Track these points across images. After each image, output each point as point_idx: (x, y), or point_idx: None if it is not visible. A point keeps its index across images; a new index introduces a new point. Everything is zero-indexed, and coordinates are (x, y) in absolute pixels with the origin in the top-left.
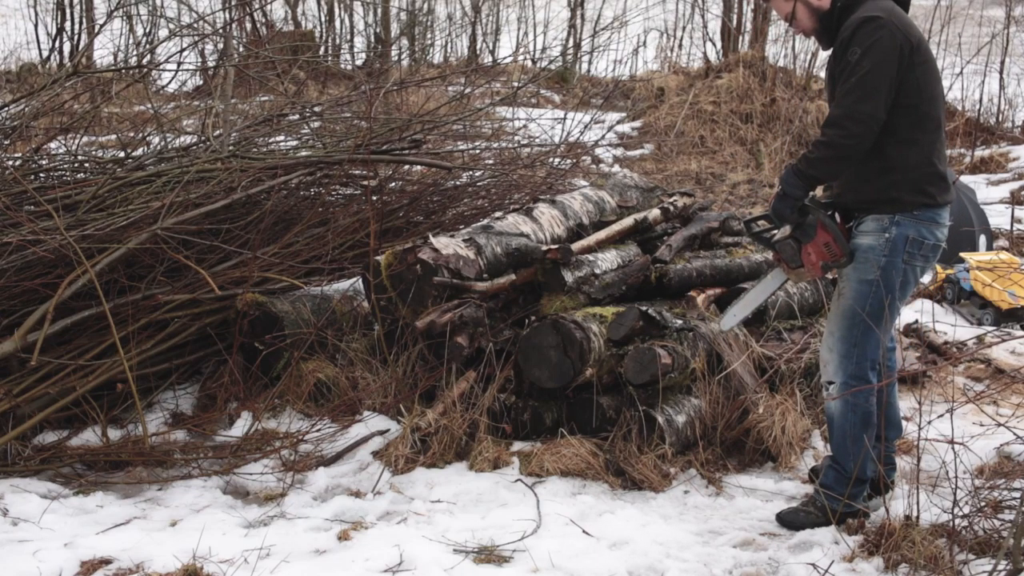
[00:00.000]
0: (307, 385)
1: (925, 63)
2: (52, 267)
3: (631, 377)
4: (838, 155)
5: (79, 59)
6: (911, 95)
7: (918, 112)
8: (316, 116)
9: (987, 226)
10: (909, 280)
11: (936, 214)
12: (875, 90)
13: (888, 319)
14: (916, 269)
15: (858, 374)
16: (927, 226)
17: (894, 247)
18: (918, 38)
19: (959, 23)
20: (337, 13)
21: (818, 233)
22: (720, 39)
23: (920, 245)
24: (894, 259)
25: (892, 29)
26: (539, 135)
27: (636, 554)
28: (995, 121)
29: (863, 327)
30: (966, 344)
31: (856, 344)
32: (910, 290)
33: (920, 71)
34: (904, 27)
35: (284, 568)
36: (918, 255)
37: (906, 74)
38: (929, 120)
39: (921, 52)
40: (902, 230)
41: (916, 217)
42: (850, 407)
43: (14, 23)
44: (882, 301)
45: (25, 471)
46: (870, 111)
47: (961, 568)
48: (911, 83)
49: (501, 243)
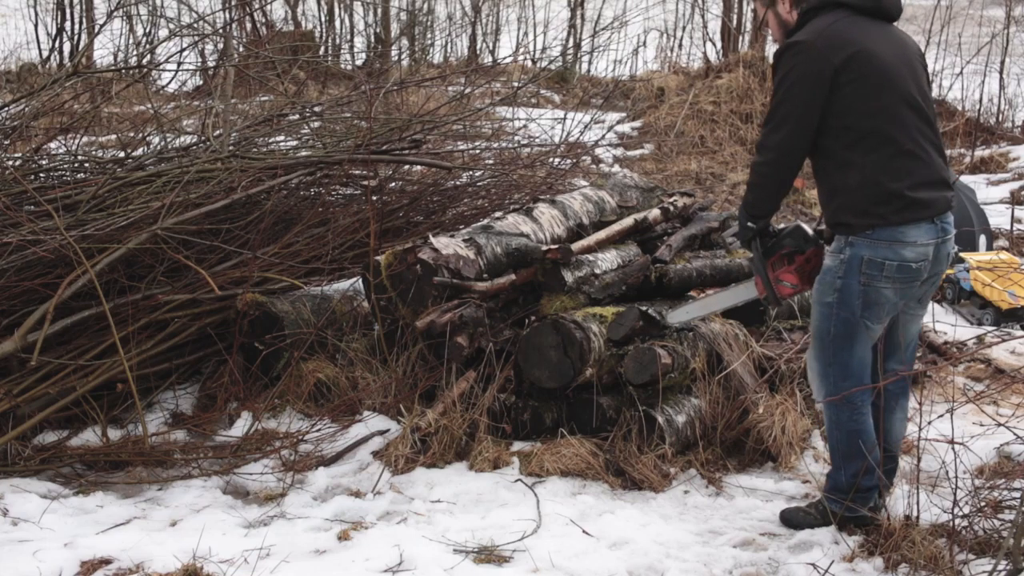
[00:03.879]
0: (307, 385)
1: (856, 80)
2: (52, 267)
3: (631, 377)
4: (758, 183)
5: (79, 59)
6: (840, 116)
7: (852, 132)
8: (316, 116)
9: (987, 226)
10: (877, 302)
11: (896, 233)
12: (784, 119)
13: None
14: (882, 291)
15: (836, 393)
16: (886, 247)
17: (848, 268)
18: (849, 55)
19: (959, 23)
20: (337, 13)
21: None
22: (720, 39)
23: (880, 267)
24: (849, 280)
25: (812, 54)
26: (539, 135)
27: (636, 554)
28: (995, 121)
29: (832, 348)
30: (966, 344)
31: (830, 364)
32: (883, 312)
33: (850, 89)
34: (832, 48)
35: (284, 568)
36: (880, 277)
37: (831, 96)
38: (870, 138)
39: (851, 70)
40: (856, 251)
41: (870, 238)
42: (834, 424)
43: (14, 23)
44: (847, 323)
45: (25, 471)
46: (777, 140)
47: (961, 568)
48: (840, 104)
49: (501, 243)
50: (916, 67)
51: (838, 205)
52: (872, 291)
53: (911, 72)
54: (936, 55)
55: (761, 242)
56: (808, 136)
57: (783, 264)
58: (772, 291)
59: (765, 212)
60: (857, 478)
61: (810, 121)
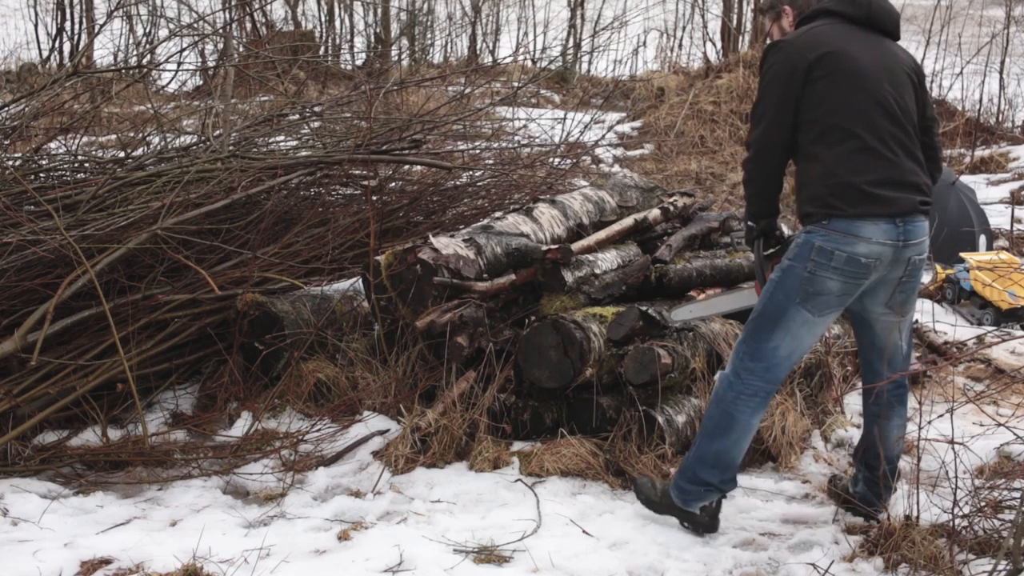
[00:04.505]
0: (307, 385)
1: (829, 75)
2: (52, 267)
3: (631, 377)
4: (746, 180)
5: (79, 59)
6: (811, 110)
7: (819, 126)
8: (316, 116)
9: (987, 226)
10: (820, 292)
11: (850, 225)
12: (761, 116)
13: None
14: (826, 282)
15: (741, 372)
16: (839, 237)
17: (798, 252)
18: (823, 53)
19: (959, 23)
20: (337, 13)
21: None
22: (720, 39)
23: (829, 256)
24: (795, 264)
25: (788, 52)
26: (539, 135)
27: (636, 554)
28: (995, 121)
29: (753, 325)
30: (966, 344)
31: (745, 340)
32: (825, 305)
33: (821, 84)
34: (808, 46)
35: (284, 568)
36: (827, 267)
37: (803, 91)
38: (835, 132)
39: (823, 66)
40: (810, 237)
41: (826, 227)
42: (717, 398)
43: (14, 23)
44: (778, 306)
45: (25, 471)
46: (756, 136)
47: (961, 568)
48: (811, 99)
49: (501, 243)
50: (900, 76)
51: (803, 198)
52: (817, 280)
53: (891, 78)
54: (936, 55)
55: (765, 244)
56: (784, 131)
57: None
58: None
59: (762, 211)
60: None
61: (785, 116)
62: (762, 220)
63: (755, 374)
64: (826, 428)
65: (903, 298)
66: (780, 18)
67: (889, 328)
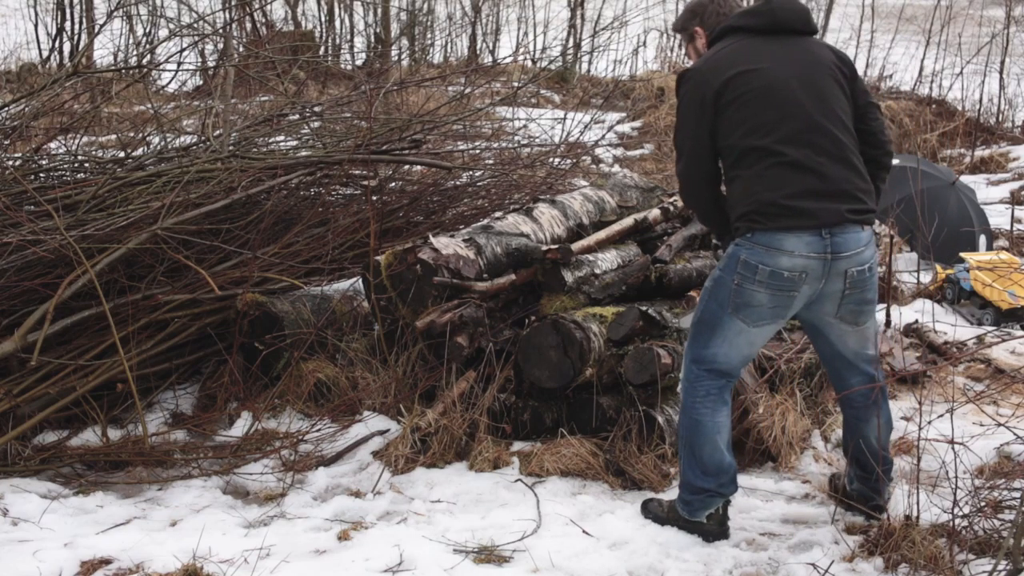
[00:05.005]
0: (307, 385)
1: (737, 99)
2: (52, 267)
3: (631, 377)
4: (688, 207)
5: (79, 59)
6: (726, 136)
7: (736, 150)
8: (316, 116)
9: (987, 226)
10: (749, 303)
11: (773, 239)
12: (681, 148)
13: (722, 334)
14: (754, 294)
15: (689, 376)
16: (763, 251)
17: (726, 263)
18: (728, 78)
19: (959, 23)
20: (337, 13)
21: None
22: None
23: (754, 270)
24: (723, 274)
25: (696, 80)
26: (539, 135)
27: (636, 554)
28: (995, 121)
29: (694, 331)
30: (966, 344)
31: (689, 345)
32: (758, 316)
33: (731, 110)
34: (714, 72)
35: (284, 568)
36: (752, 280)
37: (716, 120)
38: (751, 153)
39: (729, 91)
40: (736, 251)
41: (751, 240)
42: (682, 409)
43: (14, 23)
44: (713, 314)
45: (25, 471)
46: (680, 170)
47: (961, 568)
48: (724, 126)
49: (501, 243)
50: (819, 77)
51: (732, 215)
52: (745, 292)
53: (806, 84)
54: (936, 55)
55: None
56: (702, 160)
57: None
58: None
59: (719, 231)
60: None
61: (701, 145)
62: (725, 238)
63: (700, 376)
64: (826, 428)
65: (852, 309)
66: (694, 39)
67: (846, 335)
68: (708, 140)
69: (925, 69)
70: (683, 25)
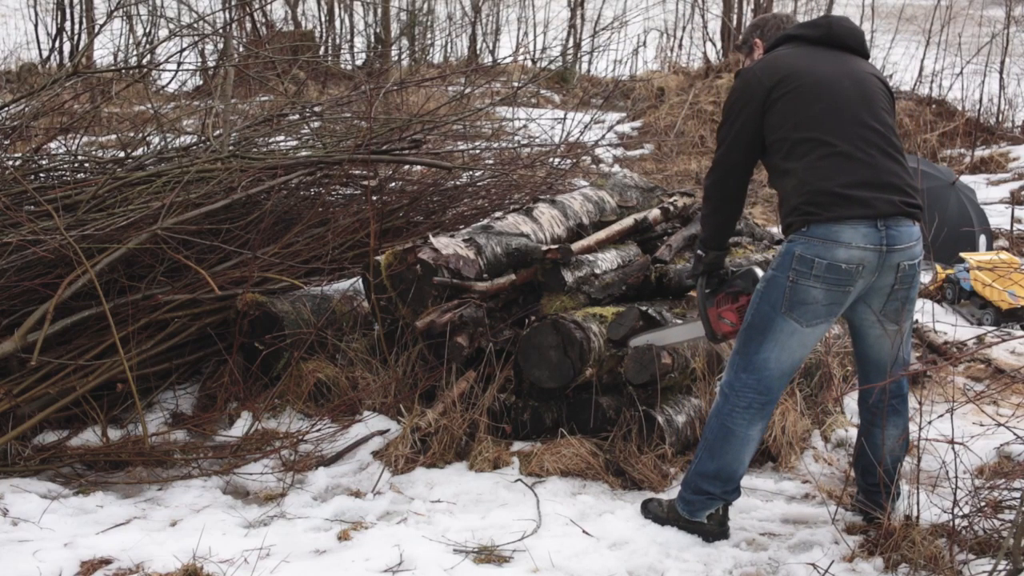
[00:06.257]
0: (307, 385)
1: (788, 93)
2: (52, 267)
3: (631, 377)
4: (704, 197)
5: (79, 59)
6: (777, 130)
7: (788, 142)
8: (316, 116)
9: (987, 226)
10: (804, 301)
11: (829, 230)
12: (722, 140)
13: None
14: (810, 290)
15: (735, 384)
16: (819, 244)
17: (780, 262)
18: (782, 76)
19: (959, 23)
20: (337, 13)
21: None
22: (720, 39)
23: (811, 264)
24: (778, 273)
25: (748, 78)
26: (539, 135)
27: (636, 554)
28: (995, 121)
29: (744, 336)
30: (966, 344)
31: (738, 352)
32: (812, 314)
33: (782, 103)
34: (768, 71)
35: (284, 568)
36: (809, 275)
37: (766, 115)
38: (803, 144)
39: (782, 87)
40: (791, 247)
41: (806, 235)
42: (715, 412)
43: (14, 23)
44: (765, 316)
45: (25, 471)
46: (719, 156)
47: (961, 568)
48: (774, 119)
49: (501, 243)
50: (867, 81)
51: (783, 212)
52: (800, 289)
53: (856, 83)
54: (936, 55)
55: (708, 280)
56: (745, 152)
57: (728, 302)
58: (710, 327)
59: (713, 238)
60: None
61: (747, 138)
62: (711, 251)
63: (748, 386)
64: (826, 428)
65: (897, 306)
66: (752, 52)
67: (879, 340)
68: (753, 132)
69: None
70: (744, 39)
